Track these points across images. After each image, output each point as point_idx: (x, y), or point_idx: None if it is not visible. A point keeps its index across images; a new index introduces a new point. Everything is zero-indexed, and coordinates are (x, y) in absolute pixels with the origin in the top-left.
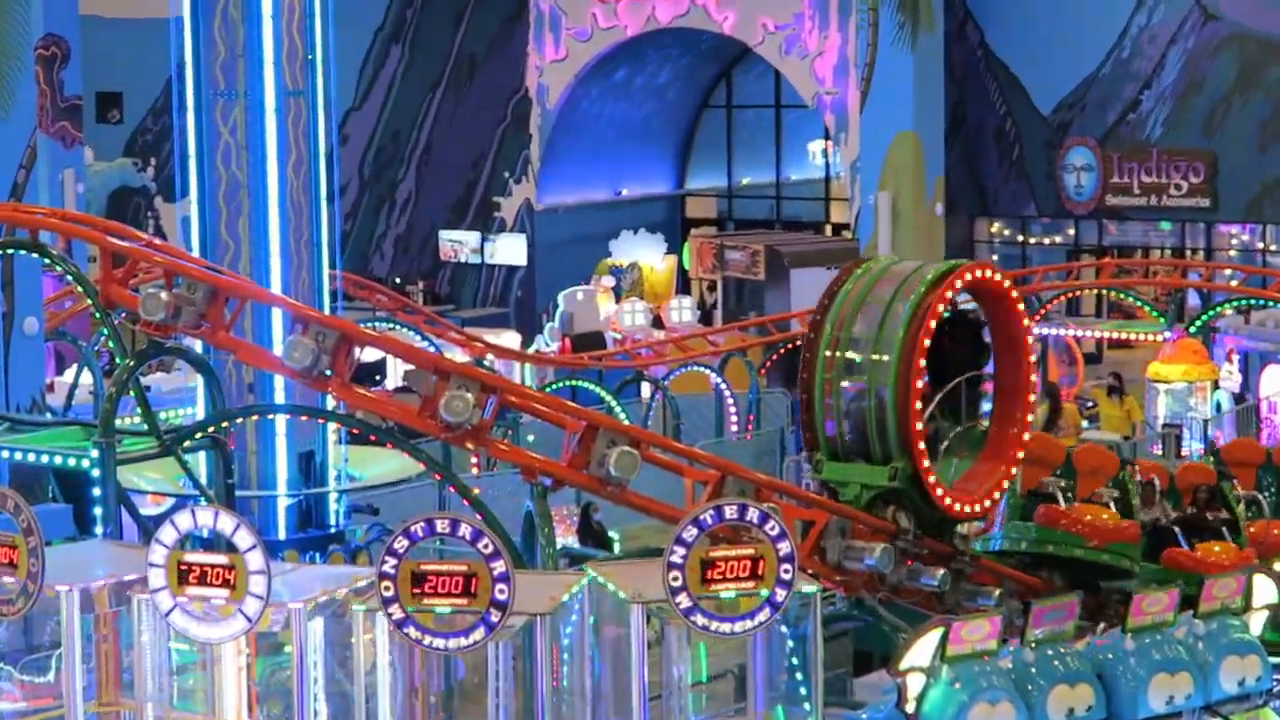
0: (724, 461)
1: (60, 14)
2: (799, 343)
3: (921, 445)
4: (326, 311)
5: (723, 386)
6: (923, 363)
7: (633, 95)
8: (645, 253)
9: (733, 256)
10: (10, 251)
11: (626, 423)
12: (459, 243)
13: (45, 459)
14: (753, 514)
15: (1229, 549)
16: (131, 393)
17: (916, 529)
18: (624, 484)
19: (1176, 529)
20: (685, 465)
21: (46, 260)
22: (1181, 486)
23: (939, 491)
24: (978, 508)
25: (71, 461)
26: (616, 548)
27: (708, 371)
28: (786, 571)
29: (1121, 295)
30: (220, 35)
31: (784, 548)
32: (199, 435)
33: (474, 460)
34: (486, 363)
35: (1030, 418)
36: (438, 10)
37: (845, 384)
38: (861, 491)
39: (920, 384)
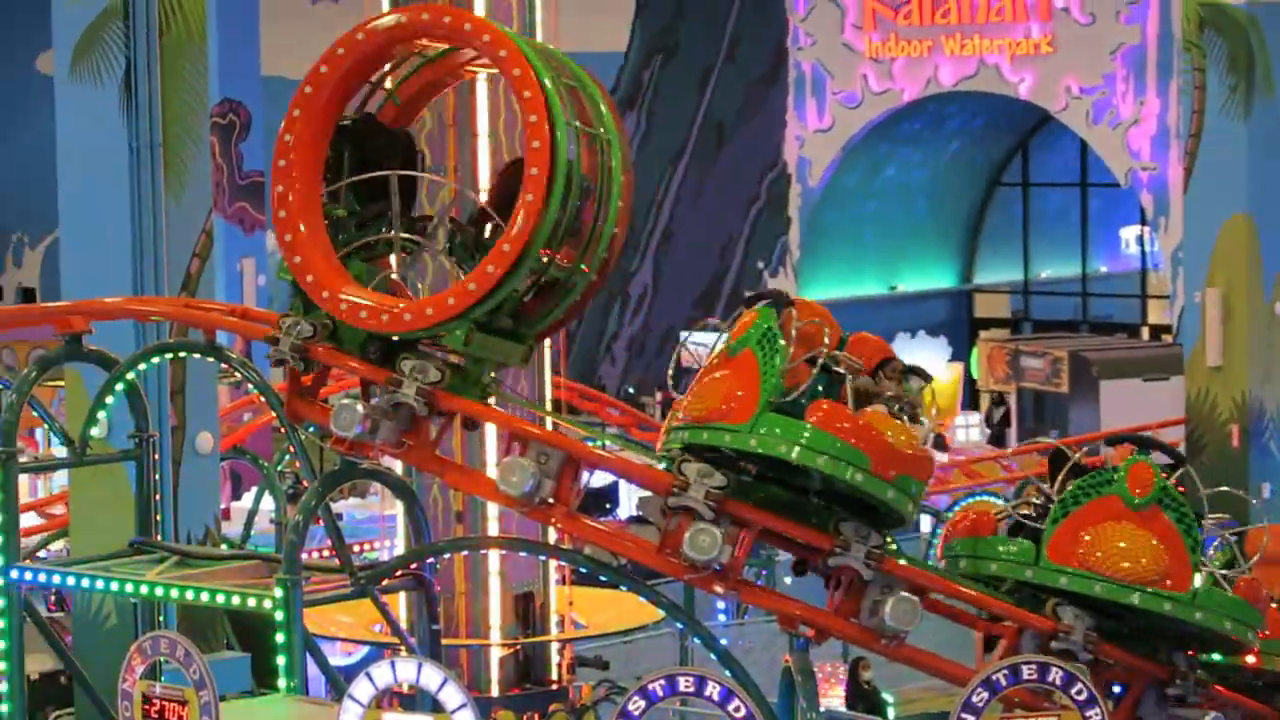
0: (1022, 612)
1: (239, 75)
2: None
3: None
4: (549, 428)
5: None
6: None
7: (910, 171)
8: (925, 359)
9: (1030, 364)
10: (181, 355)
11: (903, 563)
12: (704, 346)
13: (220, 599)
14: (1056, 675)
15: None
16: (321, 522)
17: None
18: (901, 637)
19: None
20: (975, 615)
21: (224, 366)
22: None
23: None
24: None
25: (251, 602)
26: (891, 713)
27: (999, 501)
28: None
29: None
30: None
31: (1094, 716)
32: (399, 573)
33: (721, 605)
34: None
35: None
36: (679, 71)
37: None
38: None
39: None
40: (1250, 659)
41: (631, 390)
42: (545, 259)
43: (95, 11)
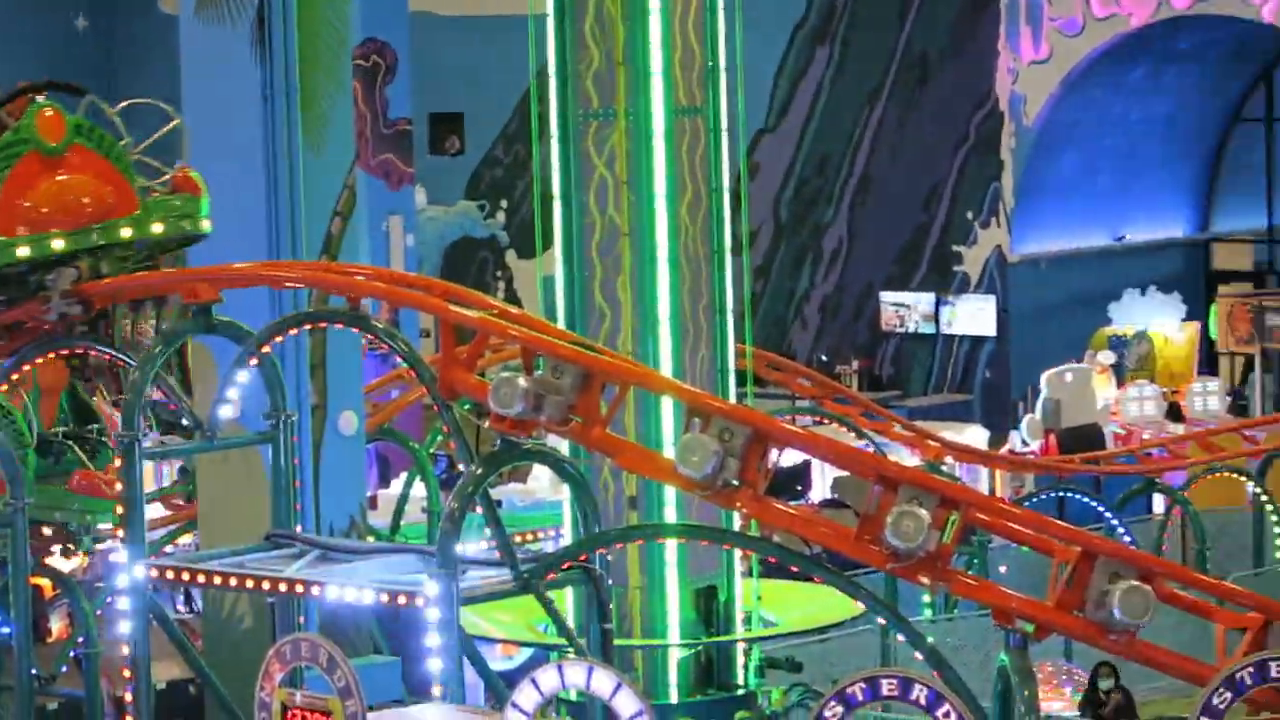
0: (1268, 600)
1: (384, 13)
2: None
3: None
4: (733, 401)
5: (1263, 498)
6: None
7: (1138, 107)
8: (1157, 319)
9: (1276, 323)
10: (322, 325)
11: (1134, 548)
12: (906, 307)
13: (367, 597)
14: None
15: None
16: (479, 510)
17: None
18: (1132, 631)
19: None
20: (1214, 606)
21: (368, 336)
22: None
23: None
24: None
25: (402, 600)
26: None
27: (1243, 479)
28: None
29: None
30: (593, 37)
31: None
32: (566, 565)
33: (927, 599)
34: (944, 468)
35: None
36: None
37: None
38: None
39: None
40: None
41: (824, 358)
42: None
43: None
